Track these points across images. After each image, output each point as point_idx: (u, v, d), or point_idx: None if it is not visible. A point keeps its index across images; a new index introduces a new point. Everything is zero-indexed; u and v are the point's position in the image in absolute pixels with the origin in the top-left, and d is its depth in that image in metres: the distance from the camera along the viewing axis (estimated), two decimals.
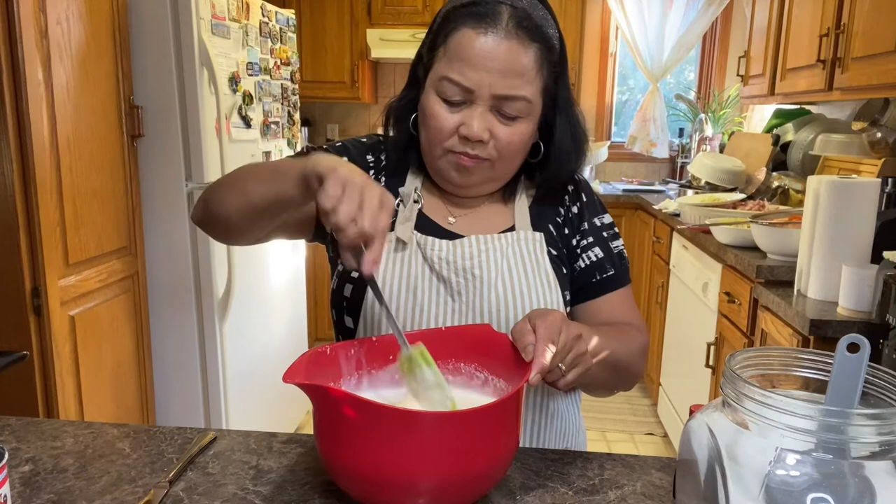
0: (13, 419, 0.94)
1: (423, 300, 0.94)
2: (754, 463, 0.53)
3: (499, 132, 0.91)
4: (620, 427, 3.14)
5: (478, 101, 0.89)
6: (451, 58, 0.90)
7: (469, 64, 0.88)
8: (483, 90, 0.88)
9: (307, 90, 3.84)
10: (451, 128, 0.91)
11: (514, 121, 0.91)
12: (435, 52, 0.93)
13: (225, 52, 2.25)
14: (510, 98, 0.89)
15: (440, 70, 0.91)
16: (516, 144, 0.92)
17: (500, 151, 0.92)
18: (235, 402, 2.40)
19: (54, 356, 1.78)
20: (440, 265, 0.95)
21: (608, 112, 4.30)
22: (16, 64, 1.63)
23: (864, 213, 1.59)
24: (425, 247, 0.96)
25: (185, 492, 0.76)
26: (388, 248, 0.96)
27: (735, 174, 3.10)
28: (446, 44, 0.91)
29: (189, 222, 2.22)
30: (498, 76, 0.88)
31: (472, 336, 0.85)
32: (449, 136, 0.91)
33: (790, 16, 2.55)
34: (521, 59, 0.88)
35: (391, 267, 0.95)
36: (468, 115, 0.90)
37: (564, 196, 1.04)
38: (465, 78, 0.88)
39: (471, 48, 0.88)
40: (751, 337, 2.01)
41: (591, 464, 0.83)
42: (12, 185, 1.66)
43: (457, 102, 0.90)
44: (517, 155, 0.95)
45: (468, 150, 0.91)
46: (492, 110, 0.90)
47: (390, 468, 0.65)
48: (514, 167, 0.97)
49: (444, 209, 1.01)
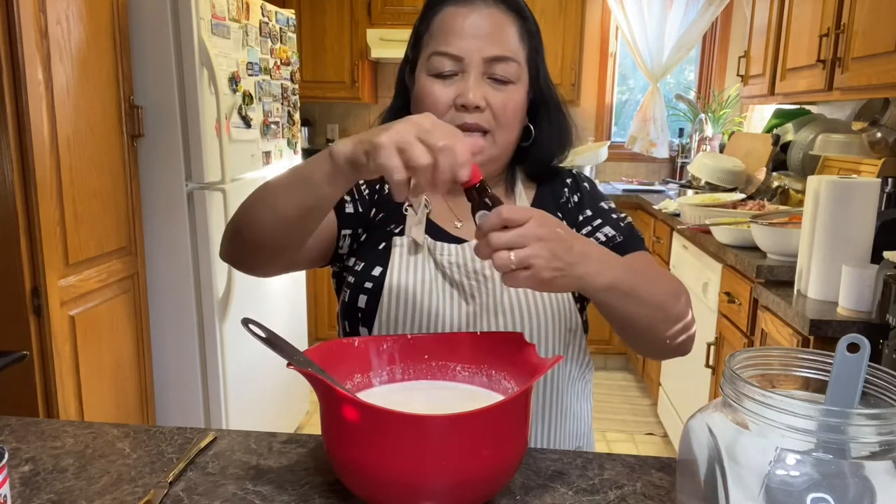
0: (13, 419, 0.94)
1: (437, 304, 0.95)
2: (754, 463, 0.53)
3: (493, 99, 0.92)
4: (620, 427, 3.14)
5: (469, 68, 0.91)
6: (437, 35, 0.93)
7: (455, 34, 0.91)
8: (473, 55, 0.91)
9: (307, 90, 3.84)
10: (447, 101, 0.92)
11: (506, 85, 0.92)
12: (420, 41, 0.96)
13: (225, 52, 2.25)
14: (501, 59, 0.91)
15: (429, 49, 0.93)
16: (511, 110, 0.93)
17: (497, 118, 0.93)
18: (235, 402, 2.40)
19: (54, 356, 1.78)
20: (451, 269, 0.95)
21: (608, 112, 4.30)
22: (16, 64, 1.63)
23: (864, 213, 1.59)
24: (435, 252, 0.96)
25: (185, 492, 0.76)
26: (402, 250, 0.97)
27: (735, 174, 3.10)
28: (430, 29, 0.94)
29: (189, 222, 2.22)
30: (485, 41, 0.91)
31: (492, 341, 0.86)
32: (445, 109, 0.92)
33: (790, 16, 2.55)
34: (504, 26, 0.92)
35: (403, 272, 0.96)
36: (462, 85, 0.91)
37: (563, 189, 1.04)
38: (454, 47, 0.91)
39: (455, 22, 0.91)
40: (751, 337, 2.01)
41: (591, 464, 0.83)
42: (12, 185, 1.66)
43: (449, 74, 0.92)
44: (513, 124, 0.95)
45: (467, 120, 0.92)
46: (484, 77, 0.92)
47: (396, 470, 0.65)
48: (511, 140, 0.97)
49: (450, 214, 1.02)
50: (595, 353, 3.76)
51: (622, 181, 4.20)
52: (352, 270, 0.99)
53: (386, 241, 0.99)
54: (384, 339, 0.85)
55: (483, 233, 0.70)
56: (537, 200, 1.03)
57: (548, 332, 0.94)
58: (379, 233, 1.00)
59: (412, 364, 0.86)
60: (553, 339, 0.95)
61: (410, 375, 0.86)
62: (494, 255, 0.69)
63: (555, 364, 0.72)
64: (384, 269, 0.96)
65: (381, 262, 0.97)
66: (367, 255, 0.98)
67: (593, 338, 1.11)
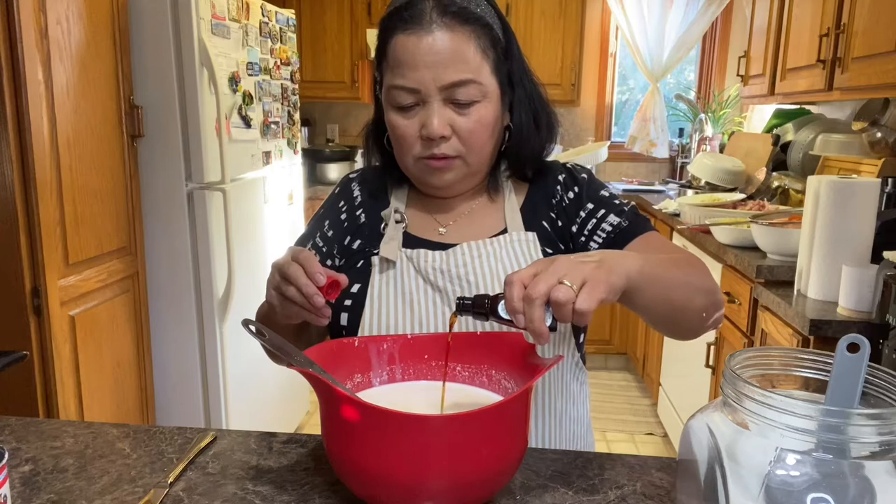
0: (13, 419, 0.94)
1: (420, 312, 0.94)
2: (754, 463, 0.53)
3: (459, 124, 0.90)
4: (620, 427, 3.14)
5: (429, 98, 0.89)
6: (392, 67, 0.91)
7: (408, 66, 0.88)
8: (428, 86, 0.88)
9: (307, 90, 3.84)
10: (413, 134, 0.91)
11: (470, 107, 0.90)
12: (381, 67, 0.94)
13: (225, 52, 2.25)
14: (458, 84, 0.88)
15: (387, 82, 0.92)
16: (479, 132, 0.92)
17: (466, 143, 0.92)
18: (235, 402, 2.40)
19: (54, 356, 1.78)
20: (434, 275, 0.95)
21: (608, 112, 4.30)
22: (16, 64, 1.63)
23: (864, 213, 1.59)
24: (418, 260, 0.96)
25: (185, 492, 0.76)
26: (374, 270, 0.97)
27: (735, 174, 3.10)
28: (386, 56, 0.92)
29: (189, 222, 2.22)
30: (440, 69, 0.88)
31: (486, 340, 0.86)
32: (414, 142, 0.92)
33: (790, 16, 2.56)
34: (456, 46, 0.88)
35: (384, 285, 0.95)
36: (424, 115, 0.90)
37: (556, 187, 1.01)
38: (409, 79, 0.89)
39: (405, 51, 0.89)
40: (751, 337, 2.01)
41: (591, 464, 0.83)
42: (12, 185, 1.66)
43: (409, 106, 0.91)
44: (485, 143, 0.94)
45: (434, 152, 0.91)
46: (446, 104, 0.90)
47: (396, 470, 0.65)
48: (486, 156, 0.96)
49: (432, 222, 1.01)
50: (595, 353, 3.76)
51: (622, 181, 4.20)
52: None
53: (365, 259, 0.99)
54: (384, 339, 0.85)
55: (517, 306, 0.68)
56: (528, 202, 1.01)
57: None
58: (357, 256, 1.00)
59: (412, 364, 0.86)
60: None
61: (410, 375, 0.86)
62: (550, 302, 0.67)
63: (555, 364, 0.72)
64: (363, 286, 0.96)
65: (361, 279, 0.97)
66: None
67: (593, 338, 1.11)
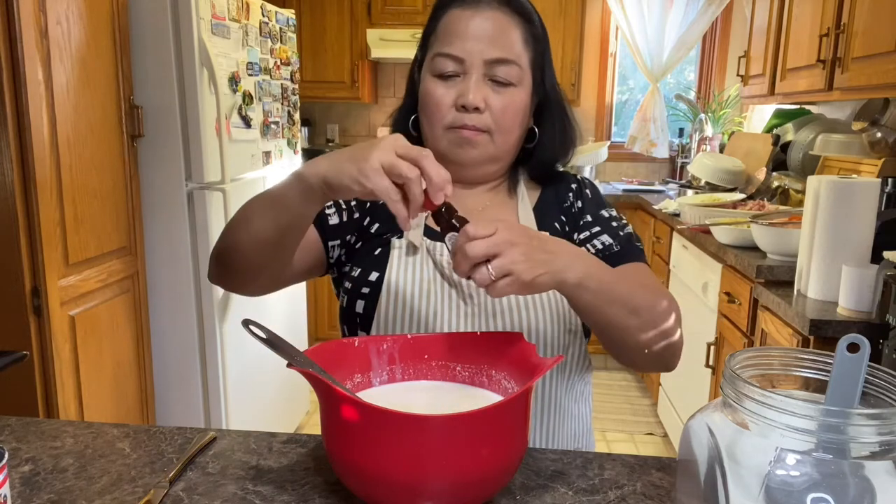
0: (13, 419, 0.94)
1: (436, 305, 0.95)
2: (754, 463, 0.53)
3: (493, 101, 0.93)
4: (620, 427, 3.14)
5: (471, 70, 0.93)
6: (441, 37, 0.95)
7: (458, 36, 0.93)
8: (474, 57, 0.92)
9: (307, 90, 3.84)
10: (448, 102, 0.94)
11: (507, 88, 0.94)
12: (427, 41, 0.98)
13: (225, 52, 2.25)
14: (501, 61, 0.93)
15: (434, 51, 0.95)
16: (511, 113, 0.95)
17: (497, 121, 0.94)
18: (235, 402, 2.40)
19: (54, 356, 1.78)
20: (450, 270, 0.95)
21: (608, 112, 4.30)
22: (16, 64, 1.63)
23: (864, 213, 1.59)
24: (434, 252, 0.97)
25: (185, 492, 0.76)
26: (400, 252, 0.98)
27: (735, 174, 3.10)
28: (436, 30, 0.96)
29: (189, 222, 2.22)
30: (487, 43, 0.92)
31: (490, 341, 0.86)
32: (447, 110, 0.94)
33: (790, 16, 2.55)
34: (508, 30, 0.94)
35: (402, 274, 0.96)
36: (463, 86, 0.93)
37: (568, 193, 1.05)
38: (456, 48, 0.93)
39: (459, 24, 0.93)
40: (751, 337, 2.01)
41: (591, 464, 0.83)
42: (12, 185, 1.66)
43: (451, 75, 0.94)
44: (513, 127, 0.97)
45: (466, 122, 0.93)
46: (485, 79, 0.93)
47: (396, 470, 0.65)
48: (511, 142, 0.98)
49: None
50: (595, 353, 3.74)
51: (622, 181, 4.20)
52: (348, 276, 1.00)
53: (383, 246, 0.99)
54: (384, 339, 0.85)
55: (456, 253, 0.71)
56: (541, 202, 1.04)
57: (547, 333, 0.94)
58: (375, 240, 1.01)
59: (412, 364, 0.86)
60: (552, 339, 0.95)
61: (410, 375, 0.86)
62: (473, 271, 0.71)
63: (555, 364, 0.72)
64: (381, 274, 0.97)
65: (378, 267, 0.97)
66: (363, 261, 0.99)
67: (593, 338, 1.10)
